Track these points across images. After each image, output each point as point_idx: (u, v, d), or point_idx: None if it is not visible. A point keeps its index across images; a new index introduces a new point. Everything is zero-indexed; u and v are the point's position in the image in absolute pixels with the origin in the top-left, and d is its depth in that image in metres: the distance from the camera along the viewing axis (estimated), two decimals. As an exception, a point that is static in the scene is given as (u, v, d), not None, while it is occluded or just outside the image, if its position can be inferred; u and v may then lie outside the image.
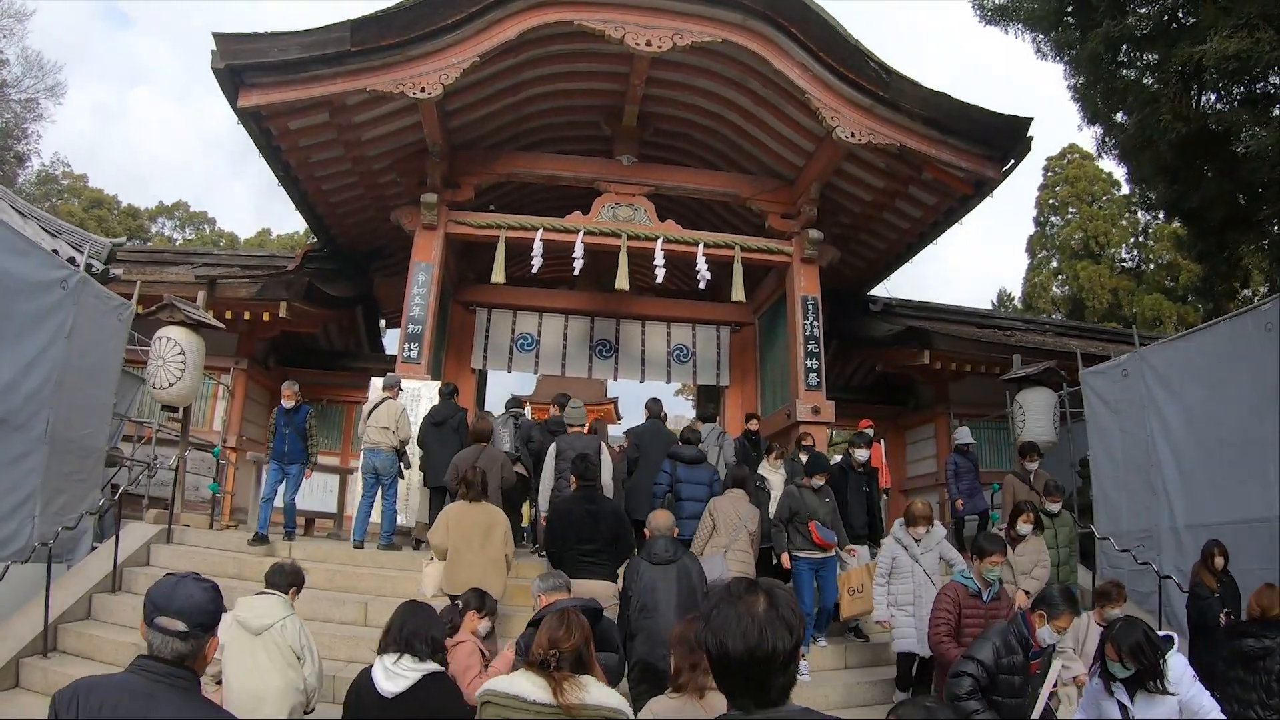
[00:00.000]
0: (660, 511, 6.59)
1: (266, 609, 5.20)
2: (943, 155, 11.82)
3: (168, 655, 2.54)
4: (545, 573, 5.62)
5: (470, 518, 7.01)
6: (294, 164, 12.53)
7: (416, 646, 3.83)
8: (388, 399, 10.27)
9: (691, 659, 3.52)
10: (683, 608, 5.63)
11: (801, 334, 12.97)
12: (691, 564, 6.17)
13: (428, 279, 12.47)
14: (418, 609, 4.16)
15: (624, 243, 12.75)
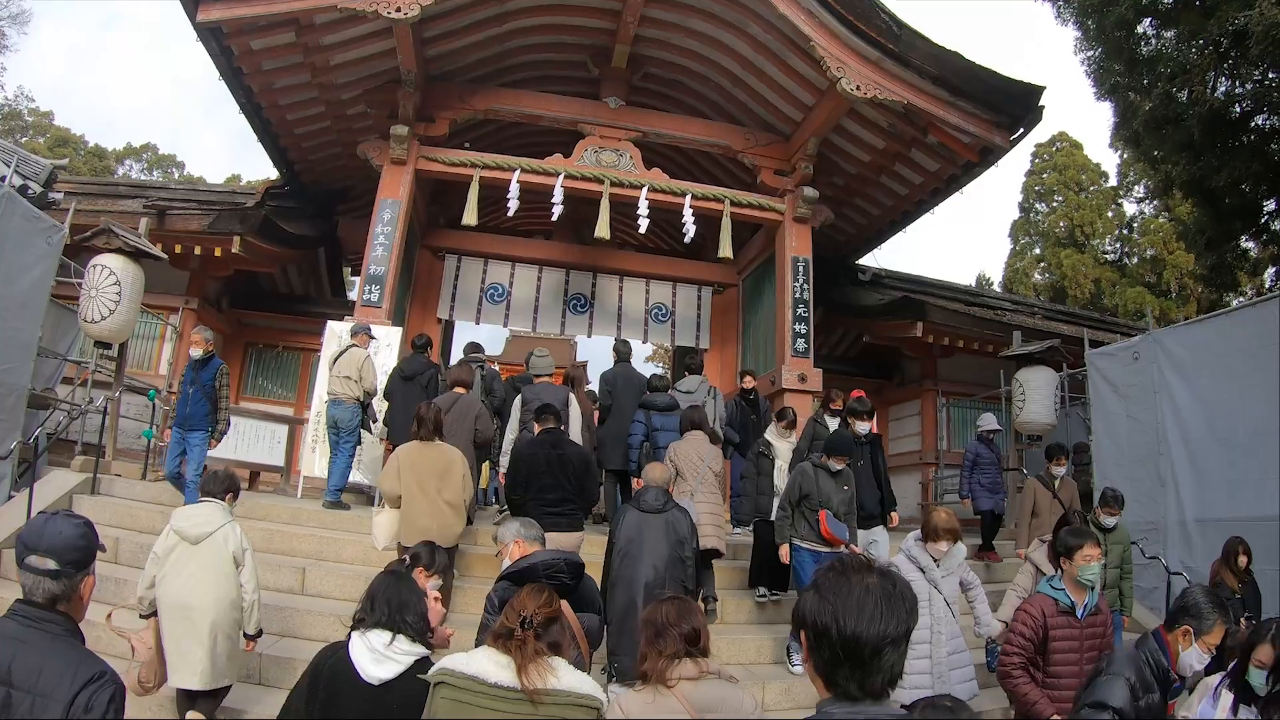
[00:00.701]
0: (656, 464, 6.44)
1: (205, 517, 5.20)
2: (950, 117, 11.15)
3: (40, 598, 2.50)
4: (523, 519, 4.92)
5: (425, 459, 6.48)
6: (256, 89, 11.62)
7: (408, 626, 3.33)
8: (354, 347, 9.57)
9: (659, 645, 3.19)
10: (666, 560, 5.58)
11: (790, 296, 12.28)
12: (682, 517, 5.95)
13: (393, 217, 11.59)
14: (402, 581, 3.58)
15: (606, 189, 11.95)
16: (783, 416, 8.81)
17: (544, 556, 3.79)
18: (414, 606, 3.40)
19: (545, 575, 3.51)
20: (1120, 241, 34.11)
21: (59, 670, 2.38)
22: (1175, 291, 30.17)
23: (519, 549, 4.46)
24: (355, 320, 10.79)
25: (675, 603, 3.35)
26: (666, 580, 5.57)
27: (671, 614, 3.23)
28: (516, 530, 4.62)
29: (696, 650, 3.17)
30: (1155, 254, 31.26)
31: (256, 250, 12.37)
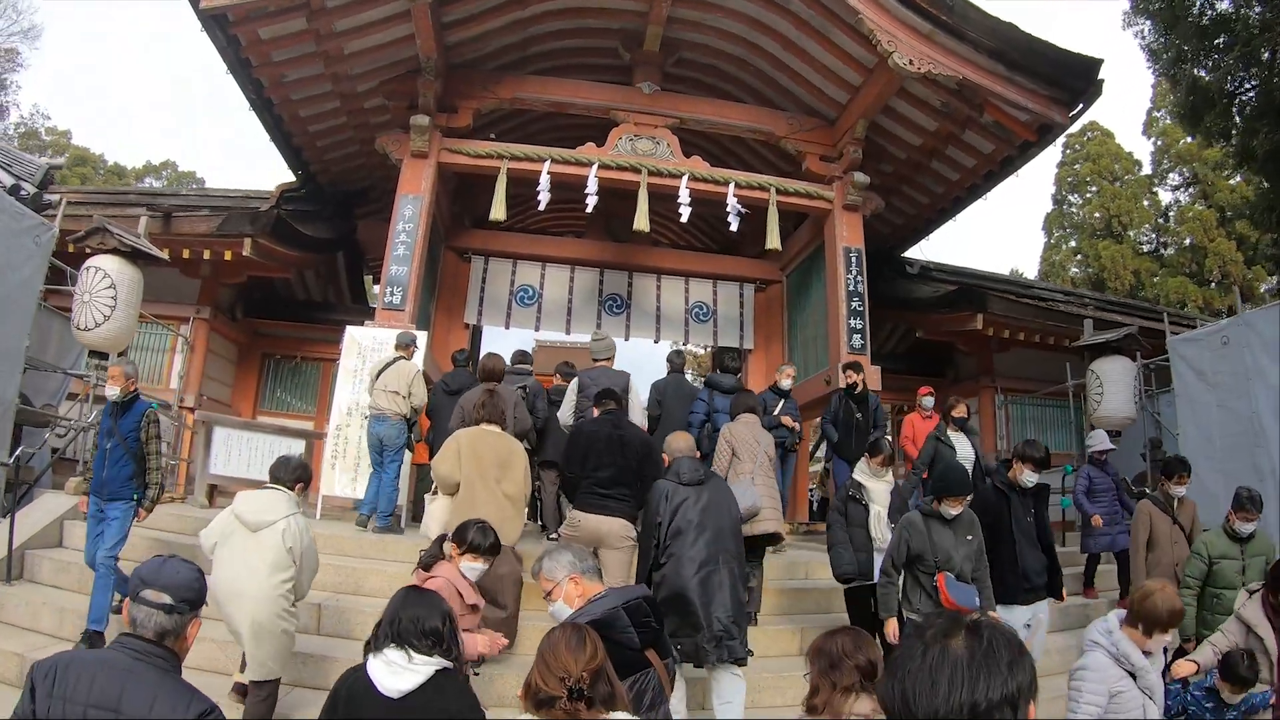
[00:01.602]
0: (678, 433, 6.07)
1: (268, 505, 5.03)
2: (1008, 93, 10.36)
3: (150, 632, 2.60)
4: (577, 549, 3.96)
5: (486, 445, 5.97)
6: (267, 83, 10.87)
7: (419, 642, 3.08)
8: (400, 359, 8.81)
9: (833, 677, 3.03)
10: (717, 531, 5.26)
11: (844, 289, 11.43)
12: (721, 485, 5.67)
13: (415, 213, 10.80)
14: (411, 595, 3.34)
15: (644, 178, 11.17)
16: (876, 450, 6.80)
17: (622, 599, 3.34)
18: (425, 620, 3.12)
19: (636, 627, 3.24)
20: (1157, 231, 33.37)
21: (171, 704, 2.45)
22: (1217, 280, 29.39)
23: (576, 587, 3.63)
24: (376, 324, 10.12)
25: (850, 633, 3.17)
26: (719, 554, 5.22)
27: (848, 645, 3.06)
28: (570, 563, 3.71)
29: (871, 685, 2.98)
30: (1195, 242, 30.46)
31: (270, 253, 11.62)
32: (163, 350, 12.62)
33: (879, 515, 6.52)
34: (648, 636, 3.28)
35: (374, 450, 8.61)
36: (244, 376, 13.71)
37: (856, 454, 8.22)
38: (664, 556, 5.19)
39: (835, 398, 9.46)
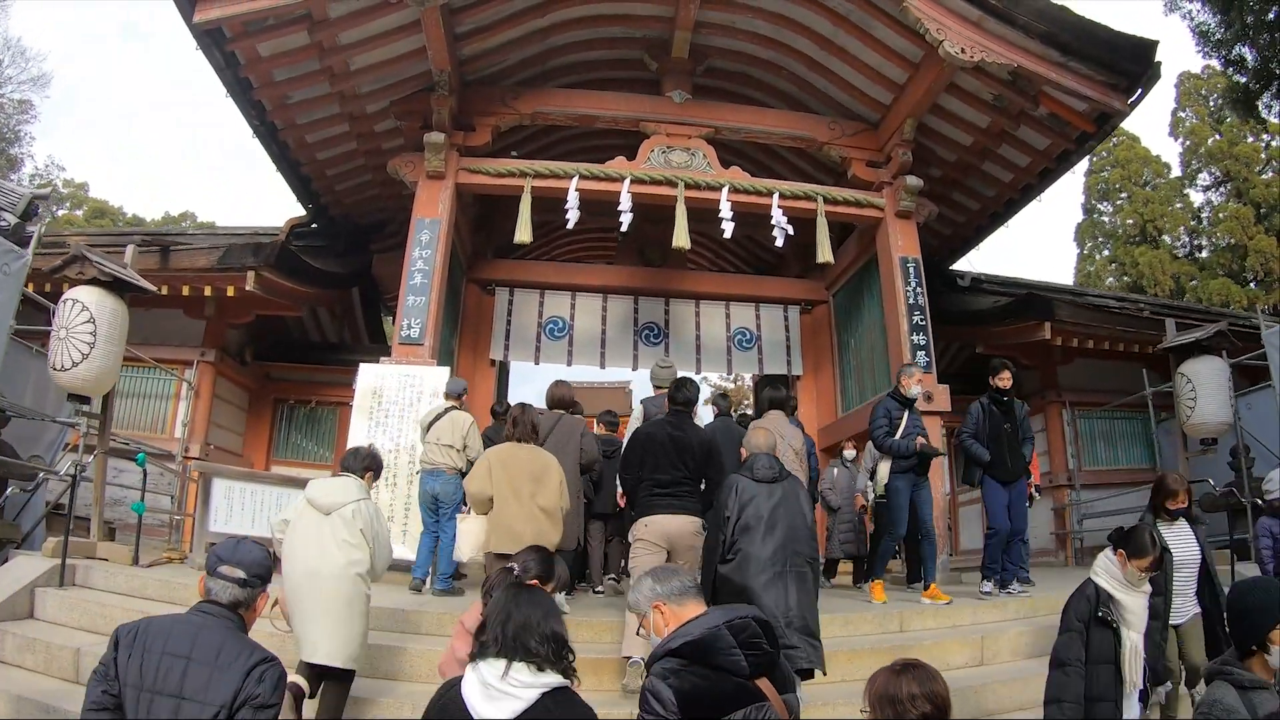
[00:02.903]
0: (759, 428, 5.74)
1: (339, 490, 5.10)
2: (1064, 80, 9.71)
3: (225, 599, 3.00)
4: (660, 569, 3.36)
5: (519, 460, 5.87)
6: (269, 105, 10.17)
7: (533, 649, 2.59)
8: (452, 409, 8.13)
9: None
10: (789, 530, 4.92)
11: (904, 302, 10.54)
12: (797, 486, 5.25)
13: (433, 238, 9.97)
14: (524, 594, 2.85)
15: (681, 192, 10.35)
16: (1138, 547, 4.31)
17: (726, 616, 2.83)
18: (539, 626, 2.64)
19: (743, 649, 2.75)
20: (1191, 234, 32.52)
21: (236, 649, 2.84)
22: (1260, 278, 28.65)
23: (662, 615, 3.05)
24: (393, 361, 9.33)
25: (917, 671, 2.65)
26: (790, 556, 4.87)
27: (912, 685, 2.59)
28: (651, 589, 3.13)
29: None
30: (1234, 241, 29.48)
31: (275, 288, 10.78)
32: (166, 397, 11.79)
33: (1135, 648, 4.33)
34: (759, 662, 2.78)
35: (427, 508, 7.96)
36: (256, 424, 12.83)
37: (1014, 473, 7.89)
38: (730, 553, 4.88)
39: (975, 408, 8.11)
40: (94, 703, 2.80)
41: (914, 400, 8.16)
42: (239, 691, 2.76)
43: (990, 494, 7.94)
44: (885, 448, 7.88)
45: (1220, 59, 14.38)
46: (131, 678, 2.78)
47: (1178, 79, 31.91)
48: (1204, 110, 31.78)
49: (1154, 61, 9.70)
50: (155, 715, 2.73)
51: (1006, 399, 8.07)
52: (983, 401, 8.11)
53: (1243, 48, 13.98)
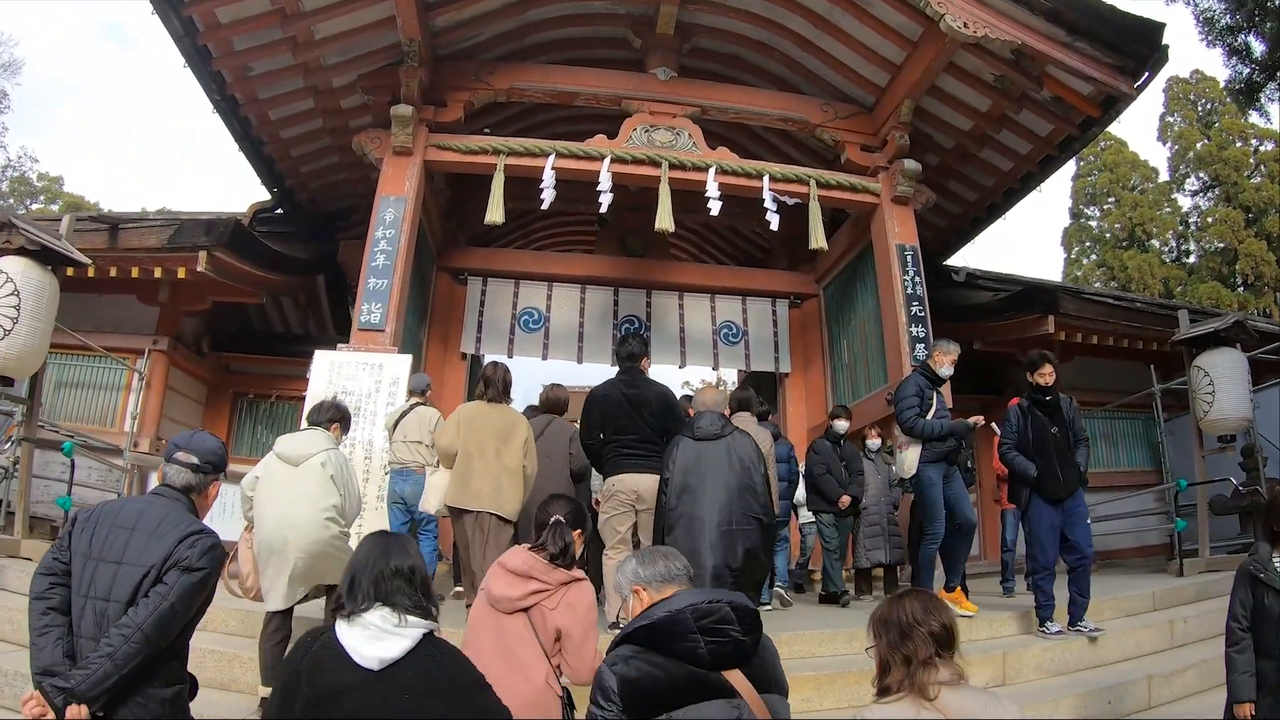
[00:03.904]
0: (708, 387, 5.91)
1: (307, 441, 5.17)
2: (1070, 60, 9.16)
3: (178, 483, 3.22)
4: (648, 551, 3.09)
5: (487, 418, 5.93)
6: (229, 76, 9.44)
7: (405, 602, 2.58)
8: (418, 405, 7.83)
9: (905, 650, 2.54)
10: (734, 491, 4.86)
11: (902, 292, 9.96)
12: (745, 440, 5.14)
13: (398, 217, 9.27)
14: (396, 543, 2.78)
15: (665, 172, 9.69)
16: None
17: (696, 599, 2.60)
18: (416, 573, 2.68)
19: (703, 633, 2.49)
20: (1178, 238, 32.94)
21: (175, 520, 3.05)
22: (1250, 282, 28.76)
23: (641, 601, 2.86)
24: (351, 348, 8.66)
25: (919, 597, 2.66)
26: (735, 515, 4.81)
27: (916, 610, 2.58)
28: (634, 573, 2.95)
29: (948, 652, 2.53)
30: (1224, 245, 29.71)
31: (231, 271, 10.05)
32: (116, 388, 11.00)
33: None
34: (724, 651, 2.49)
35: (396, 508, 7.64)
36: (213, 418, 12.07)
37: (1069, 487, 6.44)
38: (675, 515, 4.85)
39: (1013, 414, 6.87)
40: (45, 567, 3.03)
41: (945, 380, 7.32)
42: (170, 555, 2.95)
43: (1037, 519, 6.49)
44: (917, 430, 6.87)
45: (1224, 47, 14.04)
46: (81, 547, 3.00)
47: (1166, 84, 32.04)
48: (1193, 115, 32.04)
49: (1162, 44, 9.20)
50: (97, 579, 2.94)
51: (1050, 398, 6.77)
52: (1021, 404, 6.88)
53: (1249, 36, 13.67)
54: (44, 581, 2.98)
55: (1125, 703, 5.33)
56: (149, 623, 2.84)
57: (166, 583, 2.91)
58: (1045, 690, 5.34)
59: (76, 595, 2.94)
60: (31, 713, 2.74)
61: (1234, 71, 14.41)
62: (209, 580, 3.04)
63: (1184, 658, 6.17)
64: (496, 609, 3.43)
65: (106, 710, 2.82)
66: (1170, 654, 6.38)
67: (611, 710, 2.40)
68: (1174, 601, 7.46)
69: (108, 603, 2.90)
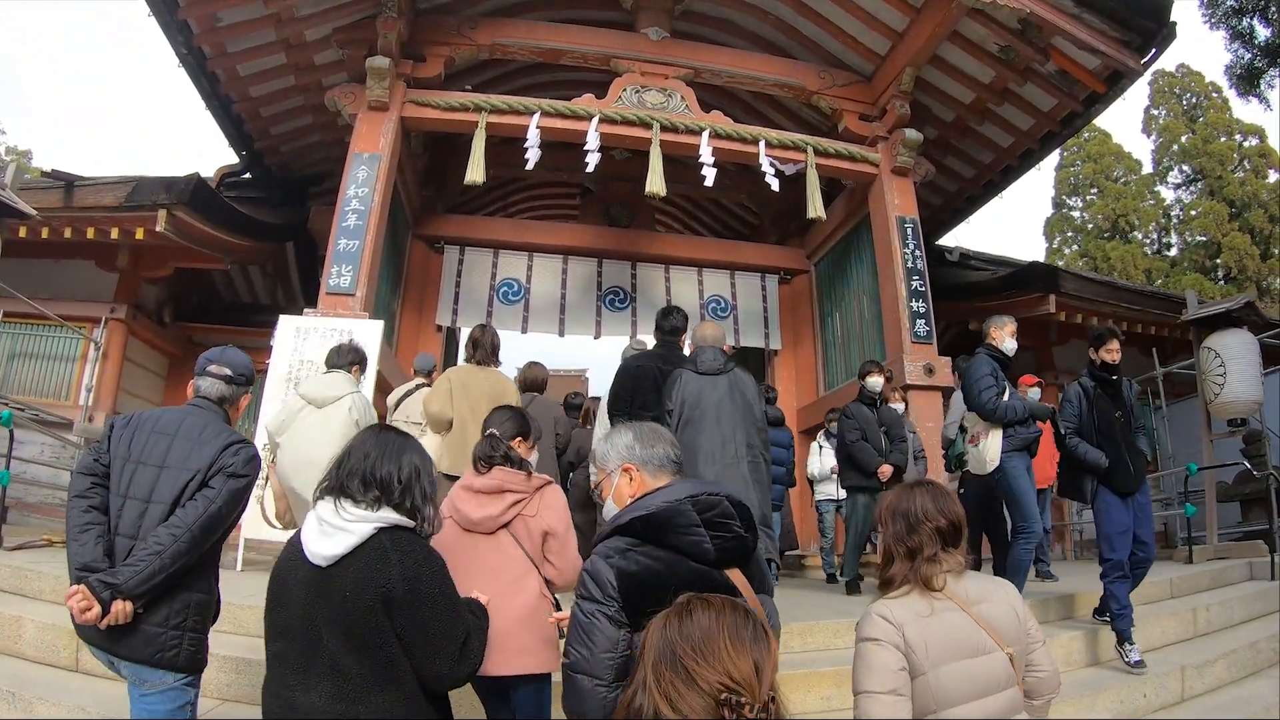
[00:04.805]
0: (708, 322, 5.61)
1: (332, 383, 5.20)
2: (1077, 32, 8.88)
3: (213, 395, 3.29)
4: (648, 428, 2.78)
5: (479, 382, 5.71)
6: (197, 27, 8.85)
7: (364, 485, 2.48)
8: (422, 385, 7.45)
9: (910, 543, 2.51)
10: (736, 425, 4.87)
11: (901, 266, 9.56)
12: (746, 377, 5.14)
13: (371, 176, 8.72)
14: (385, 435, 2.70)
15: (656, 134, 9.19)
16: None
17: (693, 490, 2.38)
18: (376, 464, 2.52)
19: (707, 527, 2.30)
20: (1160, 230, 32.78)
21: (217, 430, 3.11)
22: (1234, 274, 28.64)
23: (630, 482, 2.63)
24: (319, 313, 8.13)
25: (930, 490, 2.60)
26: (739, 447, 4.81)
27: (927, 503, 2.54)
28: (628, 448, 2.66)
29: (953, 547, 2.51)
30: (1208, 238, 29.67)
31: (192, 233, 9.48)
32: (71, 359, 10.42)
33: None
34: (729, 548, 2.32)
35: None
36: (176, 392, 11.43)
37: (1138, 479, 5.67)
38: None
39: (1074, 394, 5.97)
40: (85, 467, 3.07)
41: (1011, 359, 6.36)
42: (215, 461, 3.01)
43: (1109, 513, 5.62)
44: (999, 413, 5.95)
45: (1228, 30, 13.82)
46: (120, 451, 3.05)
47: (1152, 77, 31.88)
48: (1178, 108, 32.02)
49: (1170, 20, 8.93)
50: (137, 481, 3.00)
51: (1115, 378, 5.94)
52: (1083, 383, 5.99)
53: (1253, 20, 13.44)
54: (85, 481, 3.03)
55: (1160, 696, 4.95)
56: (198, 523, 2.92)
57: (214, 487, 2.99)
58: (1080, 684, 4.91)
59: (115, 495, 3.01)
60: (77, 606, 2.74)
61: (1235, 56, 14.25)
62: (250, 486, 3.13)
63: (1211, 647, 5.82)
64: (476, 531, 3.28)
65: (147, 607, 2.87)
66: (1196, 644, 6.03)
67: (610, 606, 2.21)
68: (1191, 589, 7.12)
69: (148, 504, 2.97)
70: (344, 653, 2.28)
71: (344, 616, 2.29)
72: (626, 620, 2.19)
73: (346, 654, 2.28)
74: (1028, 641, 2.50)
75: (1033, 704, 2.52)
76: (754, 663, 1.48)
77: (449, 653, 2.40)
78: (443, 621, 2.39)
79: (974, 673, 2.36)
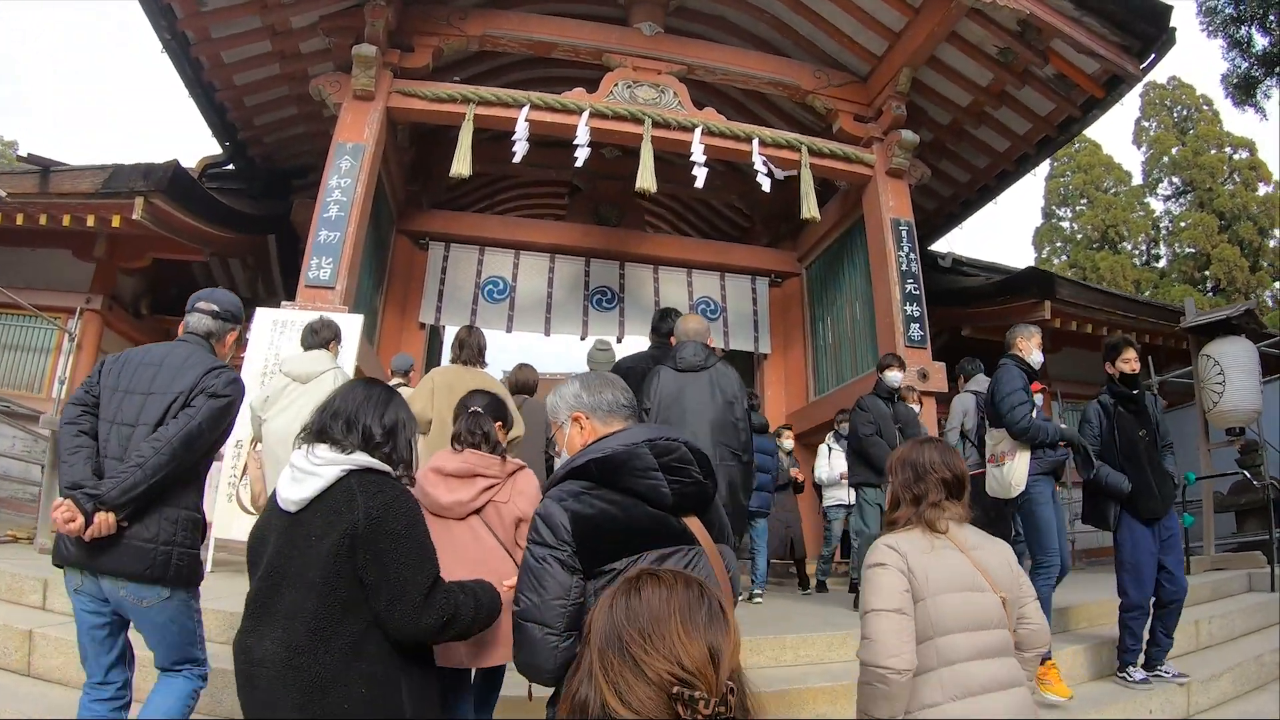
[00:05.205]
0: (692, 315, 5.62)
1: (314, 359, 5.27)
2: (1077, 35, 8.79)
3: (200, 330, 3.45)
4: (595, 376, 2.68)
5: (464, 382, 5.37)
6: (181, 11, 8.59)
7: (336, 430, 2.47)
8: (400, 385, 7.21)
9: (917, 490, 2.73)
10: (714, 423, 4.78)
11: (896, 269, 9.42)
12: (728, 373, 5.06)
13: (355, 166, 8.49)
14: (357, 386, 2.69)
15: (648, 130, 9.01)
16: None
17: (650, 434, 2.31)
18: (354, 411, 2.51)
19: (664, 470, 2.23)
20: (1149, 241, 32.82)
21: (200, 359, 3.28)
22: (1223, 285, 28.68)
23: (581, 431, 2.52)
24: (297, 305, 7.89)
25: (938, 445, 2.83)
26: (715, 446, 4.68)
27: (934, 456, 2.75)
28: (576, 396, 2.58)
29: (956, 499, 2.73)
30: (1197, 249, 29.70)
31: (170, 222, 9.25)
32: (45, 350, 10.26)
33: None
34: (687, 493, 2.25)
35: None
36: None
37: (1165, 504, 5.29)
38: None
39: (1093, 413, 5.50)
40: (76, 398, 3.24)
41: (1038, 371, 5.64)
42: (197, 383, 3.17)
43: (1133, 542, 5.22)
44: (1033, 432, 5.22)
45: (1225, 38, 13.74)
46: (109, 382, 3.23)
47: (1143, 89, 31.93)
48: (1169, 120, 32.16)
49: (1170, 26, 8.84)
50: (124, 407, 3.17)
51: (1136, 391, 5.47)
52: (1103, 401, 5.50)
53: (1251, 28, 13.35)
54: (75, 409, 3.20)
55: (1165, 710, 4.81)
56: (178, 437, 3.04)
57: (194, 406, 3.14)
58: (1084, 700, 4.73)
59: (104, 422, 3.17)
60: (62, 518, 2.86)
61: (1232, 65, 14.16)
62: (232, 408, 3.26)
63: (1215, 660, 5.71)
64: (447, 516, 3.23)
65: (129, 521, 2.99)
66: (1199, 656, 5.93)
67: (563, 550, 2.12)
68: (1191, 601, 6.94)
69: (134, 427, 3.13)
70: (304, 598, 2.24)
71: (307, 560, 2.27)
72: (580, 566, 2.11)
73: (306, 599, 2.24)
74: (1019, 594, 2.69)
75: (1023, 655, 2.68)
76: (708, 648, 1.32)
77: (411, 599, 2.28)
78: (406, 564, 2.30)
79: (969, 605, 2.55)
